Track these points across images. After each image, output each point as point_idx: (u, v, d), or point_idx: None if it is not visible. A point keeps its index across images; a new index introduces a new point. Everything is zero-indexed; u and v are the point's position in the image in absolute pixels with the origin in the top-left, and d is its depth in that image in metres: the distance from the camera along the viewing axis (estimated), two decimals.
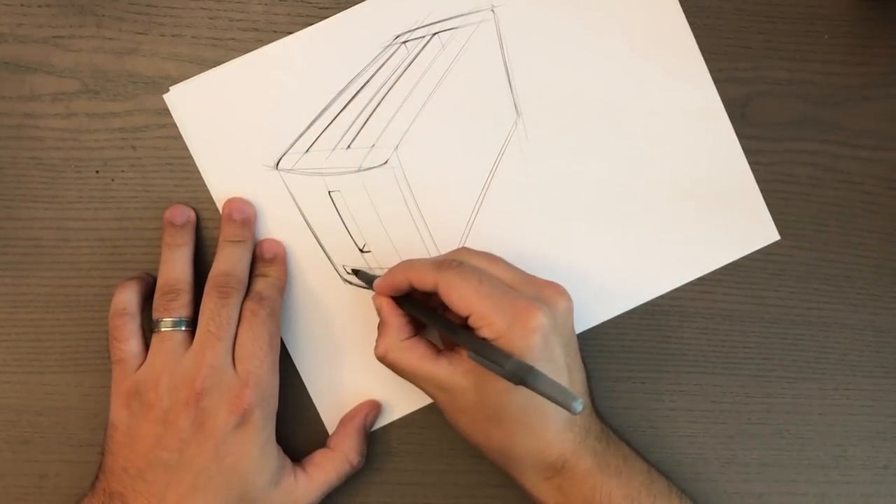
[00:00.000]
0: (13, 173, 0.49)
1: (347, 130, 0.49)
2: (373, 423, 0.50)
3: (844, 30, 0.51)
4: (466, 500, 0.51)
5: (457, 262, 0.45)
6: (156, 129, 0.49)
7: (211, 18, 0.49)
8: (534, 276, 0.46)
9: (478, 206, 0.50)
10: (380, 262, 0.49)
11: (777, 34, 0.50)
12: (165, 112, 0.49)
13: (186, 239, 0.48)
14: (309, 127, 0.49)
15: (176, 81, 0.49)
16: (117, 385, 0.46)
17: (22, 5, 0.49)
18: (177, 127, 0.49)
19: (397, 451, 0.51)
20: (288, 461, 0.47)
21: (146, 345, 0.46)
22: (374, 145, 0.48)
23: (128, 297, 0.47)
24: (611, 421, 0.50)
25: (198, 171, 0.49)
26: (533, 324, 0.43)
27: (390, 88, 0.49)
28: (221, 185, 0.49)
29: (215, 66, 0.49)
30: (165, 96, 0.49)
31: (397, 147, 0.48)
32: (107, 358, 0.47)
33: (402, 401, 0.50)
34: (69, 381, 0.50)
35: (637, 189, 0.50)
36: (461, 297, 0.43)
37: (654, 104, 0.50)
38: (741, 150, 0.50)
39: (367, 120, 0.49)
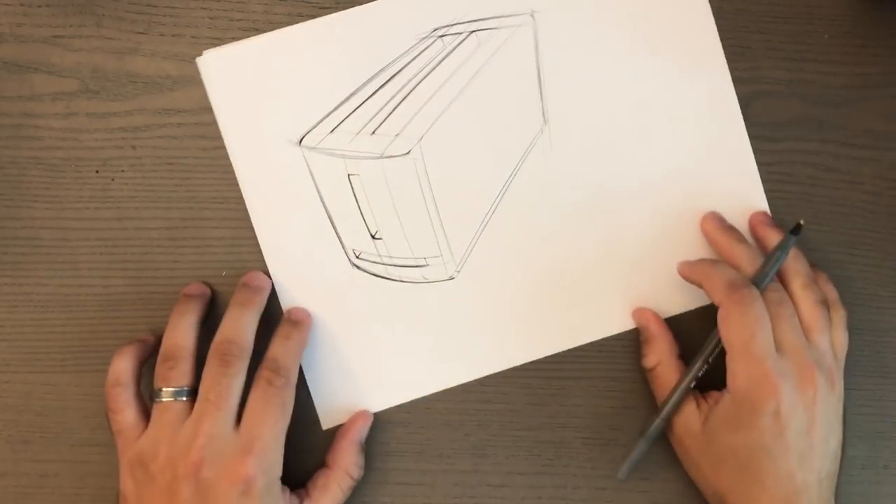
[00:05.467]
0: (13, 173, 0.49)
1: (374, 116, 0.48)
2: (365, 435, 0.50)
3: (844, 30, 0.51)
4: (466, 500, 0.51)
5: (751, 295, 0.45)
6: (156, 129, 0.49)
7: (211, 18, 0.49)
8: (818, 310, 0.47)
9: (494, 206, 0.50)
10: (390, 250, 0.49)
11: (777, 34, 0.50)
12: (165, 112, 0.49)
13: (195, 308, 0.47)
14: (337, 108, 0.49)
15: (176, 81, 0.49)
16: (122, 455, 0.45)
17: (22, 5, 0.49)
18: (177, 126, 0.49)
19: (397, 451, 0.51)
20: (295, 501, 0.46)
21: (145, 410, 0.46)
22: (398, 134, 0.48)
23: (122, 367, 0.46)
24: (609, 421, 0.50)
25: (197, 171, 0.49)
26: (810, 394, 0.45)
27: (421, 80, 0.49)
28: (243, 155, 0.49)
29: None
30: (199, 59, 0.48)
31: (421, 139, 0.48)
32: (107, 358, 0.46)
33: (404, 386, 0.50)
34: (69, 380, 0.50)
35: (660, 206, 0.50)
36: (731, 338, 0.45)
37: (683, 119, 0.50)
38: (756, 168, 0.50)
39: (395, 109, 0.48)
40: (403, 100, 0.49)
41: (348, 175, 0.48)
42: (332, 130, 0.48)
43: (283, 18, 0.49)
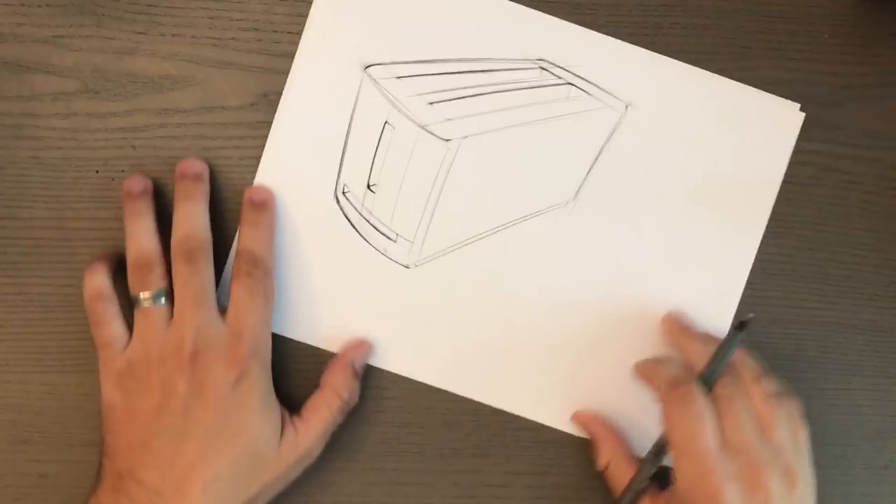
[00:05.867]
0: (13, 173, 0.49)
1: (443, 91, 0.49)
2: (364, 361, 0.49)
3: (844, 30, 0.51)
4: (466, 500, 0.51)
5: (691, 391, 0.44)
6: (156, 129, 0.49)
7: (211, 18, 0.49)
8: (781, 419, 0.44)
9: (482, 236, 0.50)
10: (373, 207, 0.49)
11: (777, 34, 0.50)
12: (165, 112, 0.49)
13: (144, 208, 0.47)
14: (418, 62, 0.49)
15: (176, 81, 0.49)
16: (107, 367, 0.45)
17: (22, 5, 0.49)
18: (177, 127, 0.49)
19: (397, 451, 0.51)
20: (286, 412, 0.47)
21: (130, 324, 0.46)
22: (450, 120, 0.48)
23: (100, 280, 0.46)
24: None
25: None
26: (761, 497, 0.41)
27: (501, 91, 0.49)
28: (312, 49, 0.49)
29: (215, 65, 0.49)
30: None
31: (465, 138, 0.48)
32: None
33: (334, 331, 0.50)
34: (69, 381, 0.50)
35: (639, 317, 0.50)
36: (673, 436, 0.43)
37: (699, 253, 0.50)
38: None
39: (464, 98, 0.48)
40: (475, 96, 0.49)
41: (385, 121, 0.48)
42: (399, 77, 0.48)
43: (283, 19, 0.49)
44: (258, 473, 0.45)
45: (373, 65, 0.49)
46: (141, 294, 0.45)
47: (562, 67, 0.49)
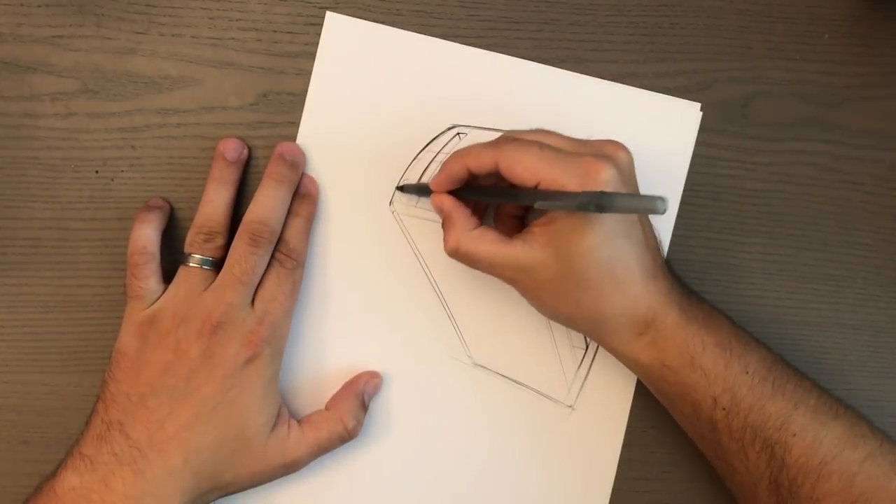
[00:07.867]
0: (13, 173, 0.49)
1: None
2: (373, 393, 0.50)
3: (844, 30, 0.51)
4: None
5: (511, 137, 0.45)
6: (156, 129, 0.49)
7: (211, 18, 0.49)
8: (587, 139, 0.46)
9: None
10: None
11: (777, 34, 0.50)
12: (165, 112, 0.49)
13: (233, 177, 0.48)
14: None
15: (176, 81, 0.49)
16: (131, 315, 0.46)
17: (22, 5, 0.49)
18: (177, 127, 0.49)
19: None
20: (286, 411, 0.47)
21: (164, 282, 0.47)
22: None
23: (149, 234, 0.47)
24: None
25: (197, 171, 0.49)
26: (603, 178, 0.42)
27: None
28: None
29: (215, 65, 0.49)
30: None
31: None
32: (107, 358, 0.46)
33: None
34: (69, 381, 0.50)
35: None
36: (525, 167, 0.43)
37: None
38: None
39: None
40: None
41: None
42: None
43: (283, 19, 0.49)
44: (239, 459, 0.45)
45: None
46: (193, 254, 0.46)
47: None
